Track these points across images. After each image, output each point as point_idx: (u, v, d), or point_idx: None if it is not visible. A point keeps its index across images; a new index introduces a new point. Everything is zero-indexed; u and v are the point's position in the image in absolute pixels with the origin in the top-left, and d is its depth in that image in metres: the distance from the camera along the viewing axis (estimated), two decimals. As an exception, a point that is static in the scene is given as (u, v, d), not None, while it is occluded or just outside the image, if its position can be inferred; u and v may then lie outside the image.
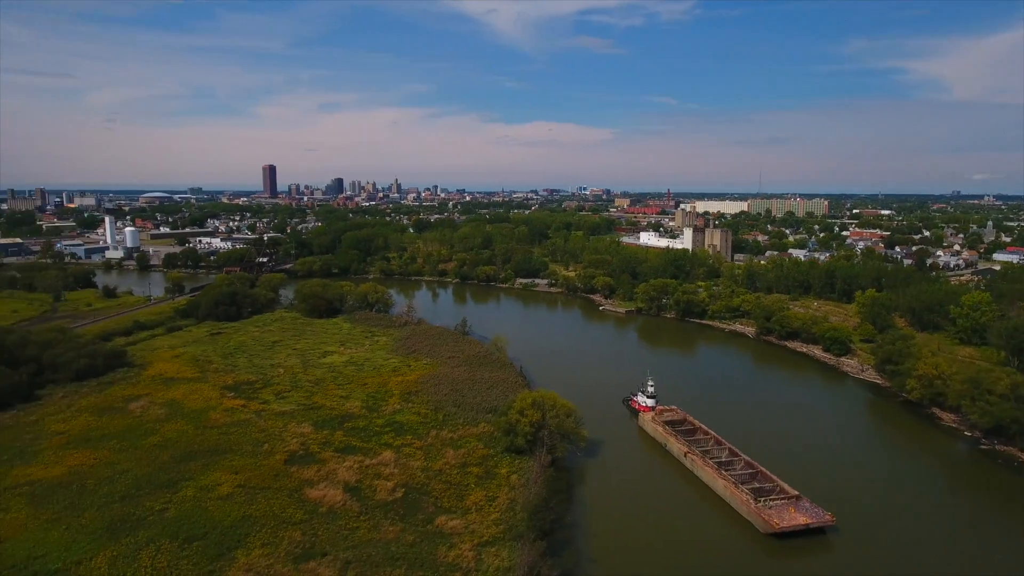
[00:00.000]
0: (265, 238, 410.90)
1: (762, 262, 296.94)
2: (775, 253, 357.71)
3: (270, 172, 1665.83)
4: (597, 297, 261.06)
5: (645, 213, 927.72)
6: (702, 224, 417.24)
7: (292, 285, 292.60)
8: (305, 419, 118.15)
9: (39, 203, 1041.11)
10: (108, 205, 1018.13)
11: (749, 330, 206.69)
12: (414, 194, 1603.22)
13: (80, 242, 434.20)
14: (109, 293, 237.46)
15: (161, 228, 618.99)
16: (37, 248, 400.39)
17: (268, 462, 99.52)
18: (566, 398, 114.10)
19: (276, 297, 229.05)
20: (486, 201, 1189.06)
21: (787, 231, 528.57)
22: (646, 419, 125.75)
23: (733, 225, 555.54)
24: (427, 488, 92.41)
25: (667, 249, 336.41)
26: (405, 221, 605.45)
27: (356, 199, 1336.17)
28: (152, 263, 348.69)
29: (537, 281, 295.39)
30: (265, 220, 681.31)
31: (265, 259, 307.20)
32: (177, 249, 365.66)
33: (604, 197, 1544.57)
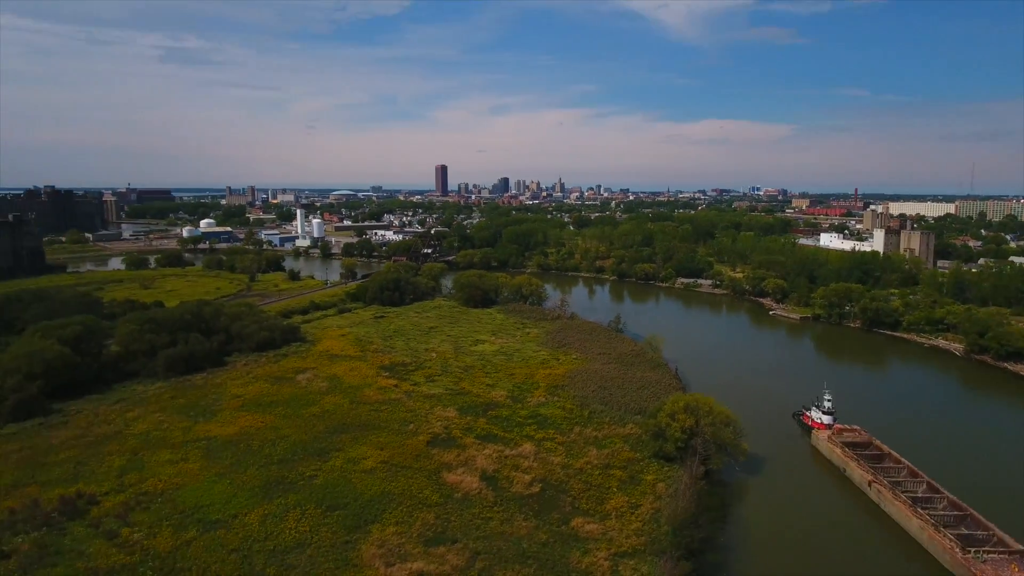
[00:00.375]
0: (432, 231, 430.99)
1: (973, 270, 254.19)
2: (990, 260, 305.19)
3: (442, 172, 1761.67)
4: (767, 301, 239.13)
5: (827, 215, 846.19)
6: (897, 225, 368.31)
7: (452, 275, 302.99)
8: (451, 403, 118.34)
9: (250, 199, 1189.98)
10: (303, 201, 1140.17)
11: (955, 346, 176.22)
12: (577, 193, 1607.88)
13: (277, 232, 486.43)
14: (293, 276, 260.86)
15: (344, 221, 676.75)
16: (243, 236, 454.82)
17: (412, 442, 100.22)
18: (726, 406, 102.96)
19: (436, 286, 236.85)
20: (650, 201, 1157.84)
21: (1008, 236, 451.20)
22: (821, 438, 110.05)
23: (936, 228, 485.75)
24: (565, 486, 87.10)
25: (852, 252, 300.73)
26: (566, 219, 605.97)
27: (520, 198, 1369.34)
28: (333, 251, 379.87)
29: (700, 281, 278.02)
30: (435, 216, 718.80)
31: (429, 250, 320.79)
32: (355, 239, 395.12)
33: (780, 198, 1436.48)
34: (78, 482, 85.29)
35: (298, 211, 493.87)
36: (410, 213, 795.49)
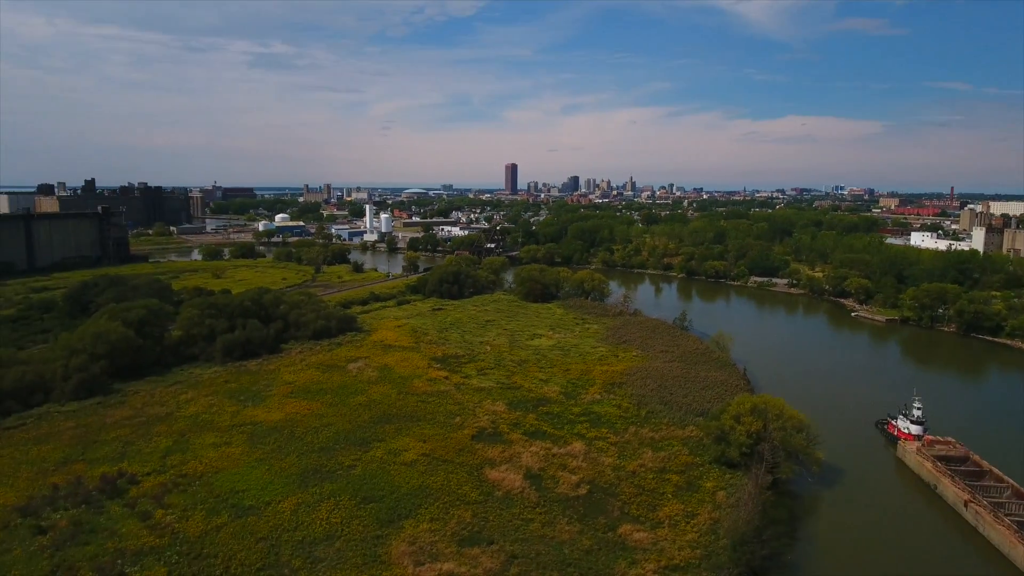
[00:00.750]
0: (497, 227, 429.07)
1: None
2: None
3: (511, 171, 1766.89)
4: (849, 302, 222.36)
5: (919, 214, 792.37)
6: (1000, 224, 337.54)
7: (514, 269, 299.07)
8: (501, 397, 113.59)
9: (325, 196, 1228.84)
10: (376, 199, 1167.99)
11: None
12: (648, 192, 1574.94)
13: (347, 227, 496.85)
14: (357, 268, 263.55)
15: (413, 218, 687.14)
16: (315, 231, 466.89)
17: (456, 435, 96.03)
18: (798, 409, 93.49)
19: (497, 279, 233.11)
20: (724, 200, 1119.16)
21: None
22: (909, 450, 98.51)
23: None
24: (615, 490, 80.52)
25: (948, 251, 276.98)
26: (635, 216, 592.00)
27: (590, 196, 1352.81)
28: (399, 246, 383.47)
29: (775, 280, 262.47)
30: (501, 213, 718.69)
31: (492, 245, 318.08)
32: (421, 235, 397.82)
33: (866, 198, 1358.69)
34: (123, 461, 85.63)
35: (367, 207, 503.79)
36: (477, 210, 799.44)
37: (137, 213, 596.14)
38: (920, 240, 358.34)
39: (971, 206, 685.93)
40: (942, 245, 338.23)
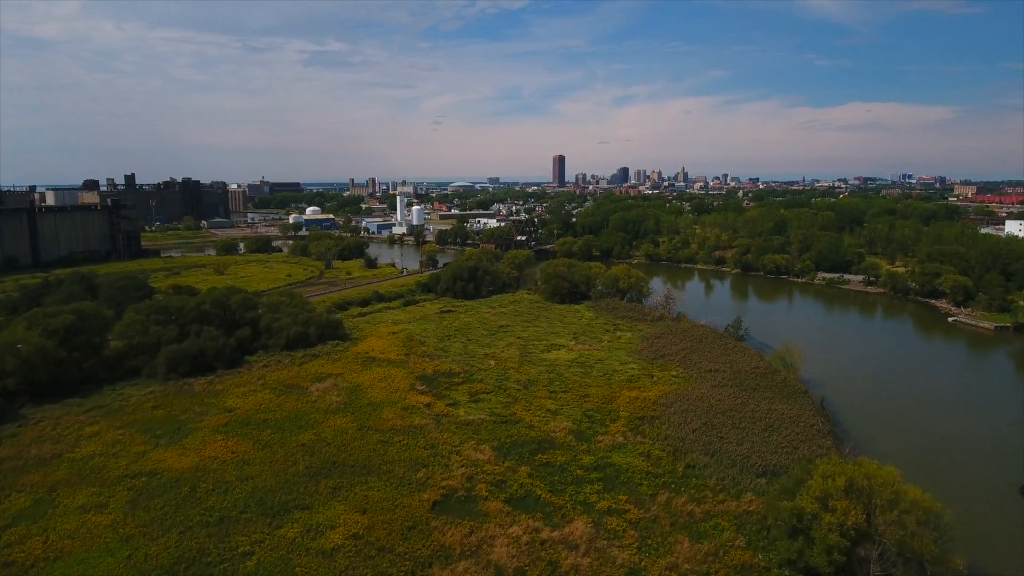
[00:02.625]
0: (535, 218, 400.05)
1: None
2: None
3: (559, 162, 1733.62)
4: (942, 303, 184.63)
5: (1001, 202, 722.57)
6: None
7: (542, 264, 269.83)
8: (490, 437, 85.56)
9: (371, 190, 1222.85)
10: (421, 192, 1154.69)
11: None
12: (701, 183, 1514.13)
13: (379, 219, 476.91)
14: (370, 264, 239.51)
15: (453, 210, 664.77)
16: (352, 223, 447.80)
17: (411, 501, 68.55)
18: (902, 464, 62.11)
19: (520, 276, 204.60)
20: (782, 190, 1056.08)
21: None
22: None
23: None
24: (628, 618, 51.49)
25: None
26: (686, 206, 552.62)
27: (640, 187, 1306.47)
28: (427, 239, 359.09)
29: (847, 277, 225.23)
30: (544, 205, 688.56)
31: (524, 237, 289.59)
32: (450, 227, 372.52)
33: (937, 186, 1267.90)
34: (-66, 538, 61.46)
35: (399, 199, 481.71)
36: (520, 202, 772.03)
37: (175, 207, 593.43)
38: (1018, 229, 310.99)
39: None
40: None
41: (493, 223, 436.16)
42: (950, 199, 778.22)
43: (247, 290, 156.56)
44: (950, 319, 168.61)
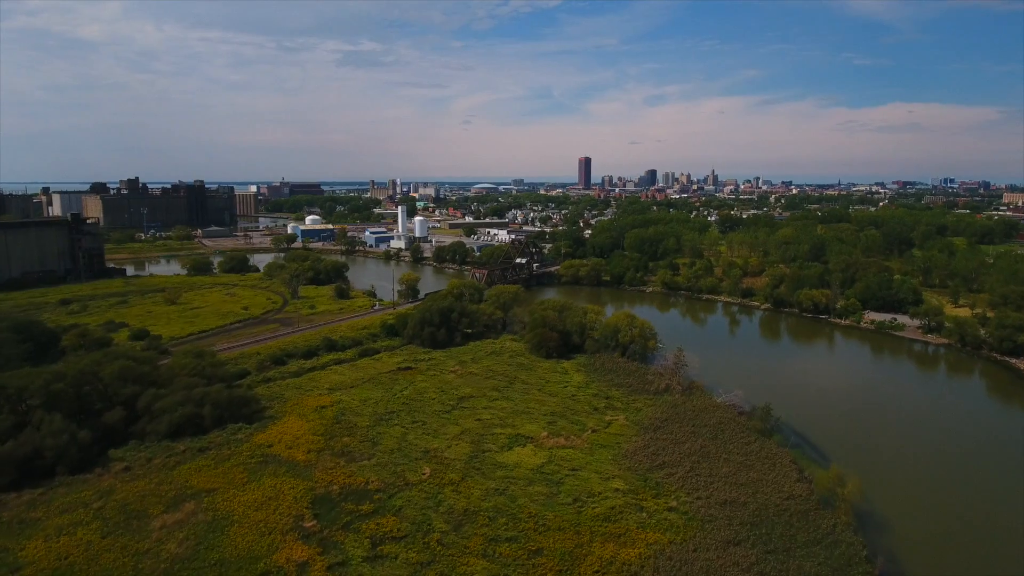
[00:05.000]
0: (533, 240, 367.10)
1: None
2: None
3: (585, 164, 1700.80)
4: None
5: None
6: None
7: (549, 293, 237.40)
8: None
9: (391, 192, 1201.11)
10: (443, 194, 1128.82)
11: None
12: (732, 186, 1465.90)
13: (383, 230, 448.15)
14: (341, 293, 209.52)
15: (466, 217, 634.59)
16: (351, 233, 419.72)
17: None
18: None
19: (504, 317, 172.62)
20: (817, 195, 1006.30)
21: None
22: None
23: None
24: None
25: None
26: (712, 218, 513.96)
27: (668, 191, 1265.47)
28: (425, 255, 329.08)
29: (900, 319, 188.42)
30: (564, 211, 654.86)
31: (524, 260, 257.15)
32: (461, 239, 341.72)
33: (981, 191, 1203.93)
34: None
35: (400, 208, 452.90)
36: (539, 208, 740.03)
37: (179, 213, 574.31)
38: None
39: None
40: None
41: (504, 234, 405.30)
42: (1001, 209, 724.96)
43: (140, 349, 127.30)
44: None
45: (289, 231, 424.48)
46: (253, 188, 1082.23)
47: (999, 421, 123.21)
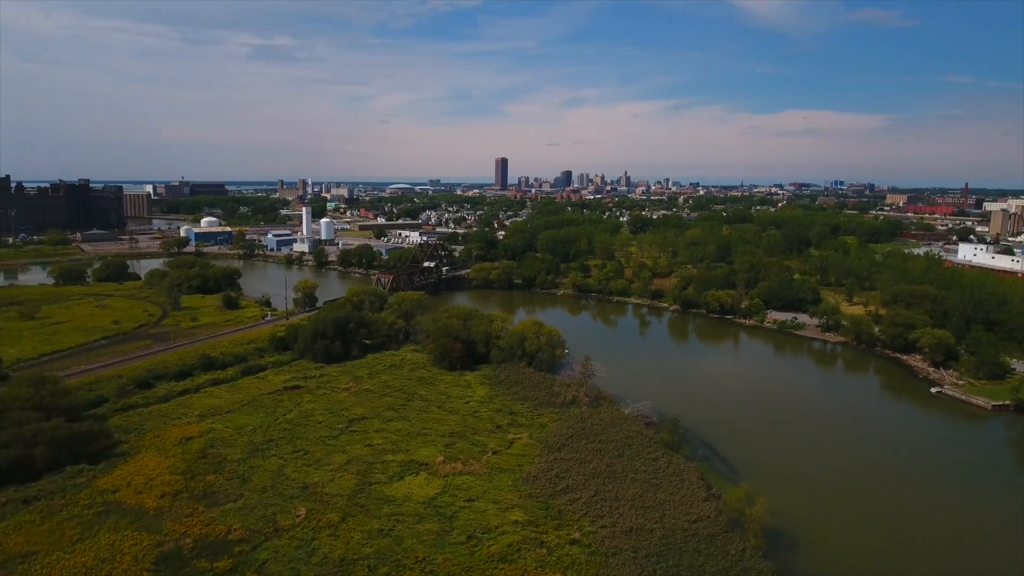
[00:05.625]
0: (458, 234, 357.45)
1: None
2: None
3: (502, 165, 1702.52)
4: (919, 362, 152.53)
5: (936, 213, 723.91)
6: None
7: (459, 298, 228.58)
8: None
9: (301, 192, 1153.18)
10: (357, 194, 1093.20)
11: None
12: (643, 187, 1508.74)
13: (287, 232, 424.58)
14: (229, 303, 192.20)
15: (379, 218, 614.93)
16: (249, 237, 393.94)
17: None
18: None
19: (407, 325, 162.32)
20: (722, 196, 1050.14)
21: None
22: None
23: None
24: None
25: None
26: (624, 219, 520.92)
27: (582, 192, 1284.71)
28: (329, 259, 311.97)
29: (800, 318, 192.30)
30: (479, 212, 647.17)
31: (433, 264, 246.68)
32: (370, 241, 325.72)
33: (867, 193, 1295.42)
34: None
35: (304, 209, 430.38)
36: (454, 208, 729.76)
37: (58, 215, 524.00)
38: (972, 255, 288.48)
39: (1003, 206, 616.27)
40: (1001, 262, 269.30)
41: (416, 236, 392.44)
42: (884, 209, 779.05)
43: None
44: (933, 390, 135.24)
45: (182, 234, 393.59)
46: (148, 188, 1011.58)
47: (897, 420, 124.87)
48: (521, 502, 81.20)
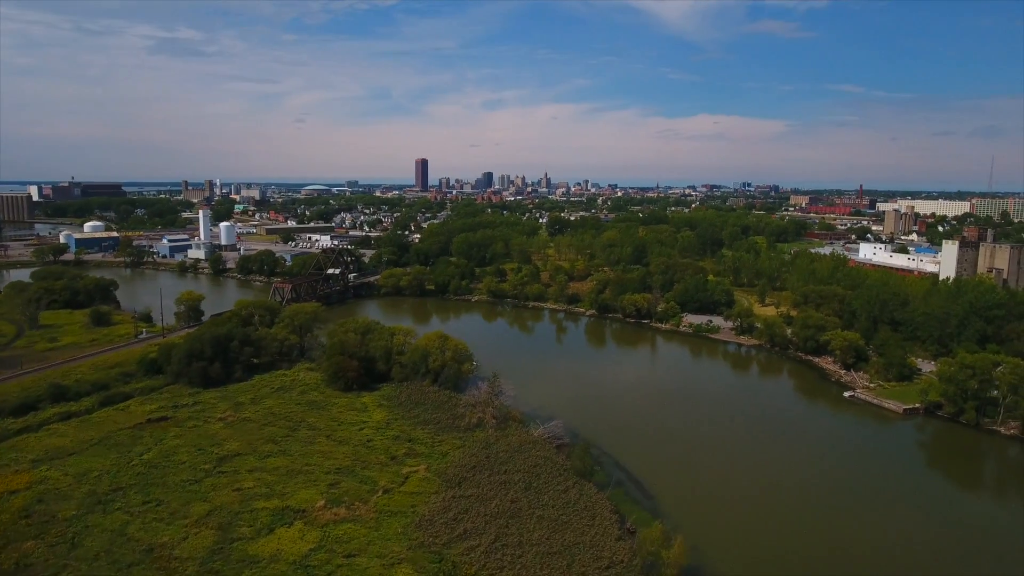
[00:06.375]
0: (371, 236, 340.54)
1: None
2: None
3: (422, 166, 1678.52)
4: (830, 364, 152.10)
5: (835, 213, 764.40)
6: (975, 235, 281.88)
7: (369, 307, 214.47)
8: None
9: (207, 194, 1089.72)
10: (271, 196, 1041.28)
11: None
12: (563, 189, 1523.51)
13: (184, 237, 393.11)
14: (99, 319, 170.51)
15: (289, 221, 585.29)
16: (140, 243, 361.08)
17: None
18: None
19: (300, 342, 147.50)
20: (639, 197, 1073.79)
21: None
22: None
23: (958, 231, 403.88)
24: None
25: (935, 280, 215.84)
26: (542, 220, 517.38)
27: (503, 193, 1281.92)
28: (228, 267, 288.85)
29: (715, 321, 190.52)
30: (396, 214, 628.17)
31: (338, 271, 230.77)
32: (277, 246, 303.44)
33: (772, 194, 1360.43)
34: None
35: (202, 213, 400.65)
36: (371, 211, 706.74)
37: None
38: (872, 253, 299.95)
39: (894, 207, 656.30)
40: (899, 262, 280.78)
41: (326, 240, 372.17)
42: (788, 209, 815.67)
43: None
44: (847, 394, 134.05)
45: (62, 240, 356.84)
46: (33, 189, 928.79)
47: (814, 429, 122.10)
48: (410, 554, 70.09)
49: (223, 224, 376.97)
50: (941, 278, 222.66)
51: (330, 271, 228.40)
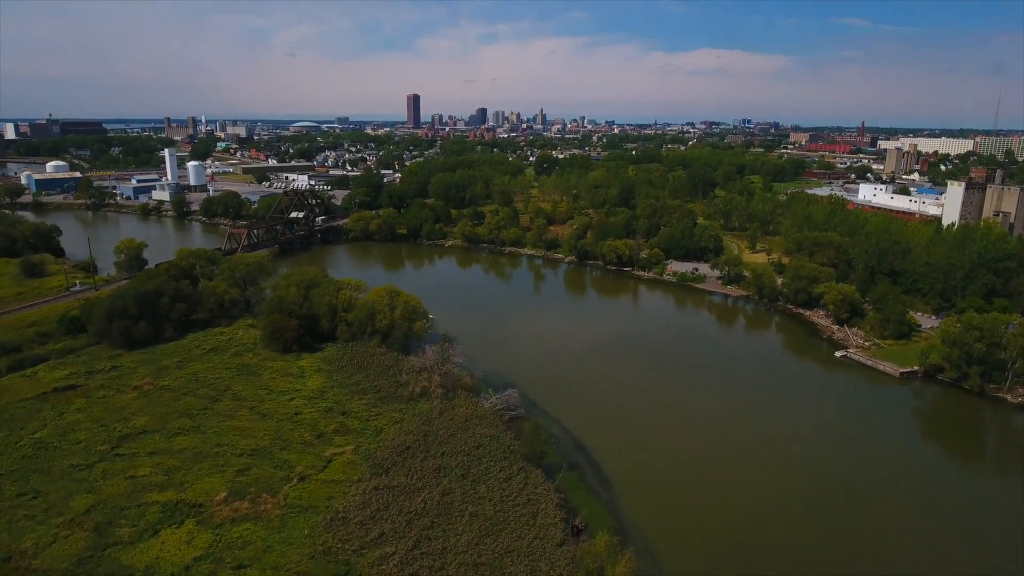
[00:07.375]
0: (349, 175, 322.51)
1: None
2: None
3: (414, 102, 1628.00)
4: (822, 319, 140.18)
5: (834, 151, 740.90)
6: (982, 176, 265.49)
7: (338, 253, 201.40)
8: None
9: (190, 131, 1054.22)
10: (257, 135, 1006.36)
11: None
12: (559, 126, 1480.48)
13: (156, 177, 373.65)
14: (31, 270, 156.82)
15: (270, 160, 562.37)
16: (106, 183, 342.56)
17: None
18: None
19: (243, 296, 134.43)
20: (636, 134, 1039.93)
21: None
22: None
23: (964, 170, 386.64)
24: None
25: (939, 226, 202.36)
26: (531, 158, 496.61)
27: (497, 130, 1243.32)
28: (193, 209, 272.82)
29: (701, 269, 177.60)
30: (380, 152, 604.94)
31: (302, 214, 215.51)
32: (249, 187, 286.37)
33: (772, 132, 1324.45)
34: None
35: (167, 152, 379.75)
36: (356, 148, 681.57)
37: None
38: (872, 195, 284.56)
39: (897, 144, 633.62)
40: (900, 204, 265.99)
41: (303, 180, 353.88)
42: (788, 148, 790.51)
43: None
44: (838, 354, 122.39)
45: (23, 181, 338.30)
46: (9, 127, 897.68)
47: (800, 396, 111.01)
48: (312, 566, 59.14)
49: (191, 164, 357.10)
50: (945, 222, 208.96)
51: (293, 215, 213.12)
